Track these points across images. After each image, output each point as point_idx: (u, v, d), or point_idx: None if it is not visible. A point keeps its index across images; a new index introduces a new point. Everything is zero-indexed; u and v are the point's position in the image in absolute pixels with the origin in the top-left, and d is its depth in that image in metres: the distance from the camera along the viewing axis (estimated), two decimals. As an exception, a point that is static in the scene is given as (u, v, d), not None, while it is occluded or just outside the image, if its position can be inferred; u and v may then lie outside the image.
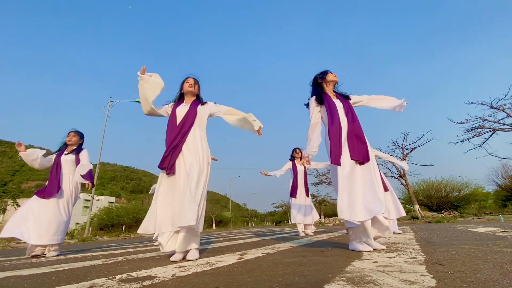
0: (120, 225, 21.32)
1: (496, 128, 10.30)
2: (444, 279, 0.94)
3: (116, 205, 27.21)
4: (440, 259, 1.36)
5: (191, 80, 2.38)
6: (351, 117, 2.15)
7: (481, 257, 1.35)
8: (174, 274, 1.30)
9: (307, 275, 1.13)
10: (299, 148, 5.11)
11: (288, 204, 38.90)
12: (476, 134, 10.76)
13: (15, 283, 1.31)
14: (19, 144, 3.02)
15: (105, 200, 43.43)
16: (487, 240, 2.15)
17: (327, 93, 2.30)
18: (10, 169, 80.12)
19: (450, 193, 17.45)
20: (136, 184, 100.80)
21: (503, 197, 18.95)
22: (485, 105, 10.15)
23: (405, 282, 0.92)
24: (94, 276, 1.39)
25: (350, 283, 0.94)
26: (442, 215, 12.44)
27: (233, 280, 1.11)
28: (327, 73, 2.35)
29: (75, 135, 3.37)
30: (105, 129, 13.45)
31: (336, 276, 1.07)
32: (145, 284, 1.10)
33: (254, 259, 1.74)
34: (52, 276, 1.47)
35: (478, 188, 18.15)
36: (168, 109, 2.31)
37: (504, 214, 11.28)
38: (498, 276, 0.95)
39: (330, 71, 2.37)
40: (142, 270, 1.49)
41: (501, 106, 9.88)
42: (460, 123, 10.70)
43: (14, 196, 15.56)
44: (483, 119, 10.41)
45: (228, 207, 55.05)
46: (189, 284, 1.07)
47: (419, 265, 1.21)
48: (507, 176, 17.99)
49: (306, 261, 1.52)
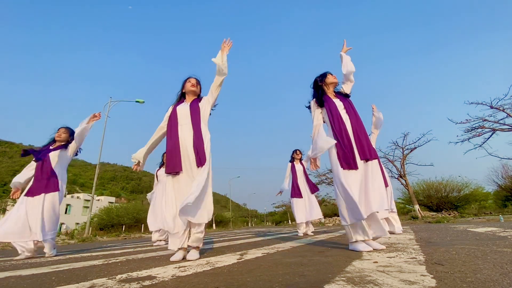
0: (120, 225, 21.30)
1: (496, 128, 10.30)
2: (444, 279, 0.94)
3: (116, 205, 27.19)
4: (440, 259, 1.36)
5: (193, 80, 2.37)
6: (353, 115, 2.17)
7: (481, 257, 1.35)
8: (174, 274, 1.30)
9: (307, 275, 1.13)
10: (299, 150, 5.12)
11: (288, 204, 38.94)
12: (476, 134, 10.77)
13: (15, 283, 1.31)
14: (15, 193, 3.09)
15: (105, 200, 43.43)
16: (487, 240, 2.15)
17: (327, 95, 2.31)
18: (10, 169, 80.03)
19: (450, 193, 17.44)
20: (136, 184, 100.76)
21: (503, 197, 18.94)
22: (485, 105, 10.16)
23: (405, 282, 0.92)
24: (94, 276, 1.39)
25: (350, 283, 0.94)
26: (442, 215, 12.43)
27: (233, 280, 1.11)
28: (327, 75, 2.36)
29: (65, 131, 3.31)
30: (105, 129, 13.47)
31: (336, 276, 1.07)
32: (145, 284, 1.10)
33: (254, 259, 1.74)
34: (52, 276, 1.47)
35: (478, 188, 18.14)
36: (167, 116, 2.29)
37: (504, 214, 11.27)
38: (498, 276, 0.95)
39: (330, 73, 2.38)
40: (142, 270, 1.49)
41: (501, 106, 9.89)
42: (460, 123, 10.71)
43: (14, 196, 15.55)
44: (483, 119, 10.41)
45: (228, 207, 55.02)
46: (189, 284, 1.07)
47: (419, 265, 1.21)
48: (507, 176, 17.99)
49: (306, 261, 1.52)
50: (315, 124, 2.28)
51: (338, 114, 2.15)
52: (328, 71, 2.39)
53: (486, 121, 10.39)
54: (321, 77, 2.38)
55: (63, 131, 3.31)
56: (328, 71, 2.39)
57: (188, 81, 2.37)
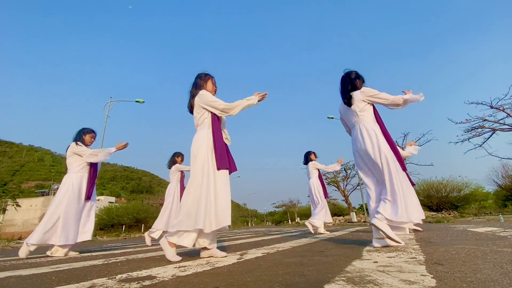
0: (120, 225, 21.29)
1: (496, 128, 10.30)
2: (444, 279, 0.94)
3: (116, 205, 27.16)
4: (440, 259, 1.36)
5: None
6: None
7: (481, 257, 1.35)
8: (174, 274, 1.30)
9: (307, 275, 1.13)
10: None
11: (288, 204, 38.95)
12: (476, 134, 10.77)
13: (15, 283, 1.31)
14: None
15: (105, 200, 43.38)
16: (487, 240, 2.15)
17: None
18: (10, 169, 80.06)
19: (450, 193, 17.43)
20: (136, 184, 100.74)
21: (503, 197, 18.91)
22: (485, 105, 10.15)
23: (405, 282, 0.92)
24: (94, 276, 1.39)
25: (350, 283, 0.94)
26: (442, 215, 12.43)
27: (233, 280, 1.11)
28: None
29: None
30: (105, 129, 13.46)
31: (336, 276, 1.07)
32: (145, 284, 1.10)
33: (254, 259, 1.74)
34: (52, 276, 1.47)
35: (478, 188, 18.12)
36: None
37: (504, 214, 11.26)
38: (498, 276, 0.95)
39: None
40: (142, 270, 1.49)
41: (501, 106, 9.89)
42: (460, 123, 10.71)
43: (14, 196, 15.56)
44: (483, 119, 10.41)
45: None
46: (189, 284, 1.07)
47: (419, 265, 1.21)
48: (507, 176, 17.97)
49: (306, 261, 1.52)
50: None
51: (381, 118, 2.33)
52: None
53: (486, 121, 10.39)
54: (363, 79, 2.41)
55: (94, 136, 3.31)
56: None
57: (213, 81, 2.29)
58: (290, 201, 38.11)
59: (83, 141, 3.17)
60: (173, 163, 4.81)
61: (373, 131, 2.16)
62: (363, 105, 2.22)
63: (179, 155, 4.90)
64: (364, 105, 2.22)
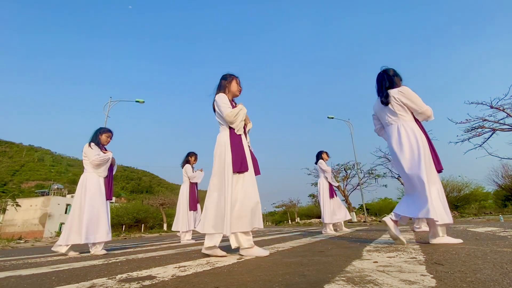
0: (120, 225, 21.31)
1: (496, 128, 10.29)
2: (444, 279, 0.94)
3: (116, 205, 27.19)
4: (440, 259, 1.36)
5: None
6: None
7: (481, 257, 1.35)
8: (174, 274, 1.30)
9: (307, 275, 1.13)
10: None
11: (288, 204, 38.95)
12: (476, 134, 10.76)
13: (15, 283, 1.31)
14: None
15: (105, 200, 43.27)
16: (487, 240, 2.15)
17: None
18: (10, 169, 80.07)
19: (450, 193, 17.46)
20: (136, 184, 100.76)
21: (503, 197, 18.94)
22: (485, 105, 10.15)
23: (405, 282, 0.92)
24: (94, 276, 1.39)
25: (350, 283, 0.94)
26: (442, 215, 12.41)
27: (233, 280, 1.11)
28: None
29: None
30: (105, 129, 13.44)
31: (336, 276, 1.07)
32: (145, 284, 1.10)
33: (254, 259, 1.74)
34: (52, 276, 1.47)
35: (478, 188, 18.16)
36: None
37: (504, 214, 11.27)
38: (498, 276, 0.95)
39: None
40: (142, 270, 1.49)
41: (501, 106, 9.88)
42: (460, 123, 10.70)
43: (14, 196, 15.57)
44: (483, 119, 10.40)
45: (228, 207, 54.73)
46: (189, 284, 1.07)
47: (419, 265, 1.21)
48: (507, 176, 17.99)
49: (306, 261, 1.52)
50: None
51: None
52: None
53: (486, 121, 10.39)
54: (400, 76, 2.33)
55: (111, 136, 3.28)
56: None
57: (236, 81, 2.22)
58: (290, 201, 38.13)
59: (99, 140, 3.15)
60: (186, 163, 4.81)
61: (411, 130, 2.13)
62: (401, 104, 2.17)
63: (192, 155, 4.89)
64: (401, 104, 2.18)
